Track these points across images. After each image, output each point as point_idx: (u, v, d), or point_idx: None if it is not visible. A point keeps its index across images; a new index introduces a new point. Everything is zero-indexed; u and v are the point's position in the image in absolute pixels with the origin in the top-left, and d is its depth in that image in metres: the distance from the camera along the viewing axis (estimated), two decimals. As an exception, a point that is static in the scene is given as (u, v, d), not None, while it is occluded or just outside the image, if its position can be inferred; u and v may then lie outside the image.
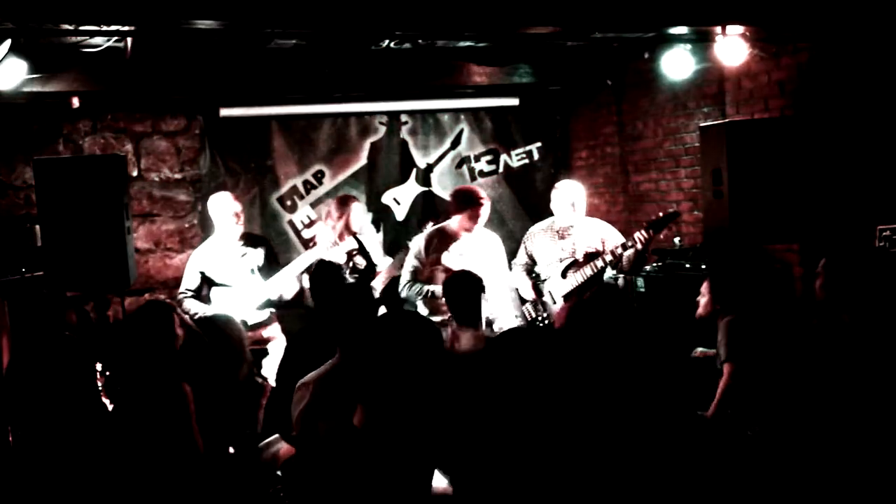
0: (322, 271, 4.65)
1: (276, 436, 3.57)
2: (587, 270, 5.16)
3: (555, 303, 5.35)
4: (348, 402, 2.91)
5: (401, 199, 7.99)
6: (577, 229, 5.35)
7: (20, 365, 4.18)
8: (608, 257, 5.10)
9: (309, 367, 3.34)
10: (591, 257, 5.13)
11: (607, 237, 5.31)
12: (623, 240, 5.16)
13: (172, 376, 3.37)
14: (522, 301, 5.55)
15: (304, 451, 3.15)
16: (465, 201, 5.30)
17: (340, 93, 7.14)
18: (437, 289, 5.08)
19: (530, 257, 5.55)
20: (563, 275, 5.30)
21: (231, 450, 3.62)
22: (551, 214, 5.52)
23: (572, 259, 5.28)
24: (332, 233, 5.44)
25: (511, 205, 8.18)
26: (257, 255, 5.55)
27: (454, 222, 5.37)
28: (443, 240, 5.35)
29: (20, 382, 3.85)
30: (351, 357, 3.06)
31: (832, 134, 5.12)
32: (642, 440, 3.24)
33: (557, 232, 5.42)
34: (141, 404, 3.33)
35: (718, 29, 5.00)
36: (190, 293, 5.47)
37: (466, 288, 3.79)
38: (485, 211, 5.30)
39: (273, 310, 5.50)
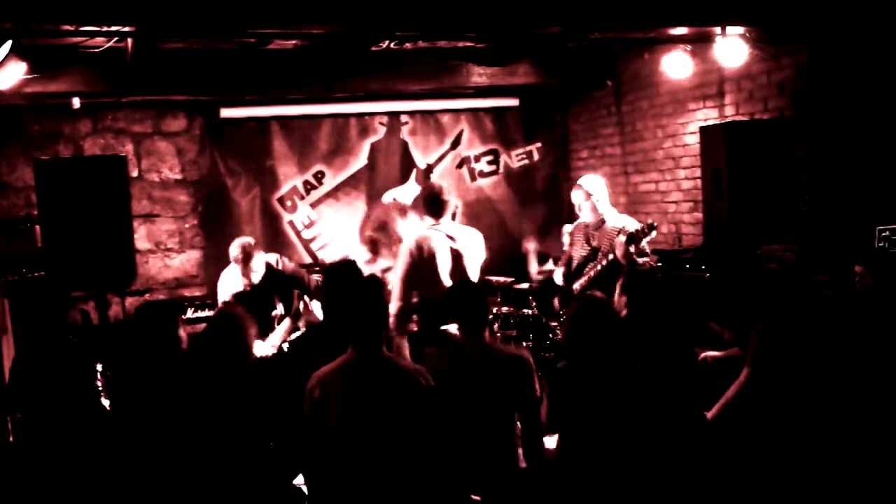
0: (339, 269, 4.66)
1: None
2: (597, 267, 5.12)
3: None
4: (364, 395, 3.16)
5: (401, 199, 7.99)
6: (601, 228, 5.23)
7: (22, 366, 4.18)
8: (612, 258, 5.02)
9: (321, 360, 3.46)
10: (604, 256, 5.09)
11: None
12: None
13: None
14: None
15: (314, 438, 3.28)
16: None
17: (340, 93, 7.15)
18: None
19: (569, 257, 5.49)
20: (582, 272, 5.27)
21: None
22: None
23: (589, 257, 5.24)
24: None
25: (511, 205, 8.19)
26: None
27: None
28: None
29: (22, 383, 3.85)
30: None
31: (832, 134, 5.13)
32: (643, 441, 3.25)
33: (586, 231, 5.32)
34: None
35: (718, 29, 5.01)
36: None
37: (471, 297, 3.78)
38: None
39: None
